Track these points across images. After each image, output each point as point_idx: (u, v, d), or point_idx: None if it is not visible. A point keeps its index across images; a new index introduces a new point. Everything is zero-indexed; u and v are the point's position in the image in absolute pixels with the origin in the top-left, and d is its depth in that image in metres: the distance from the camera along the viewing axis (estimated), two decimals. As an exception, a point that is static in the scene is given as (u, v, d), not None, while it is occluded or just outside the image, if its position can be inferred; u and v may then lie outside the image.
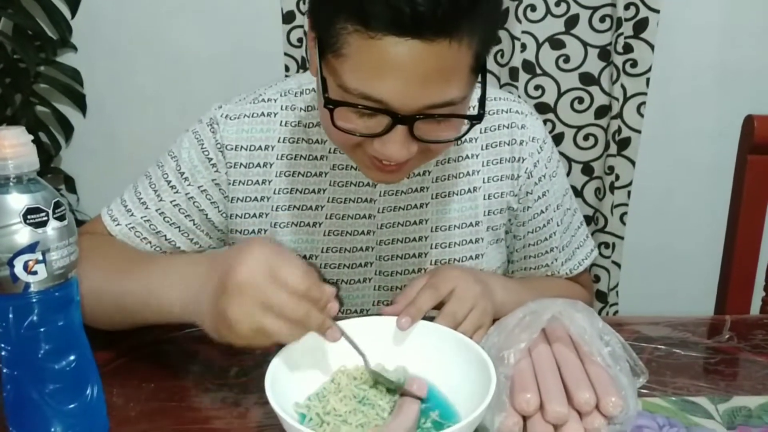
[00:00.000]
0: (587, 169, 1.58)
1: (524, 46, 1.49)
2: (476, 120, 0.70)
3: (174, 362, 0.77)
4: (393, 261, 0.89)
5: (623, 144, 1.53)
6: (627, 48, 1.46)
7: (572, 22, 1.48)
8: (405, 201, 0.88)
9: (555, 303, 0.69)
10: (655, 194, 1.66)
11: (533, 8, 1.47)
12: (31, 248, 0.52)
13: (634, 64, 1.48)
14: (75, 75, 1.59)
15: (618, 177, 1.55)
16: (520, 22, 1.45)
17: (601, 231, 1.60)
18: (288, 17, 1.47)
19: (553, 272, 0.95)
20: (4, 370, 0.55)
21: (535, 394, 0.62)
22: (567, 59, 1.51)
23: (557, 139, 1.56)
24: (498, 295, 0.79)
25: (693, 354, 0.79)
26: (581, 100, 1.53)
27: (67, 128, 1.64)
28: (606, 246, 1.60)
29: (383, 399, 0.65)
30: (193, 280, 0.66)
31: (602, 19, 1.47)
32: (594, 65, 1.51)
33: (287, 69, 1.52)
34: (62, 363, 0.56)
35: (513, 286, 0.86)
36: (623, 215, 1.59)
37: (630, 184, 1.57)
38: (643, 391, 0.69)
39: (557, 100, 1.54)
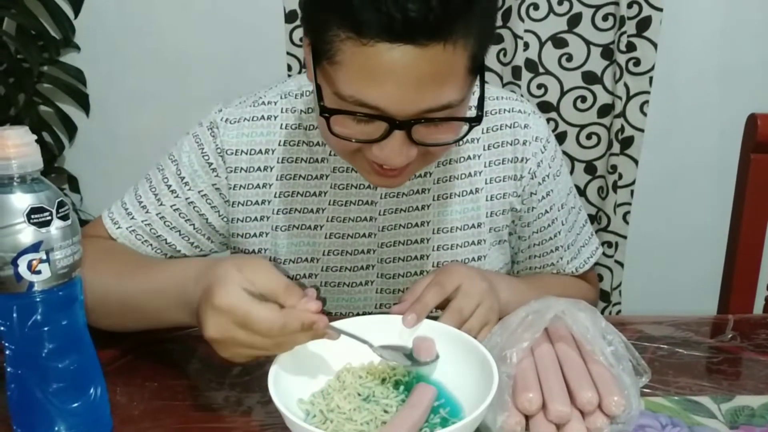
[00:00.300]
0: (590, 168, 1.58)
1: (527, 45, 1.48)
2: (475, 122, 0.69)
3: (177, 361, 0.77)
4: (395, 263, 0.89)
5: (626, 143, 1.53)
6: (630, 46, 1.46)
7: (575, 21, 1.48)
8: (406, 203, 0.87)
9: (558, 302, 0.69)
10: (658, 193, 1.66)
11: (536, 7, 1.47)
12: (35, 248, 0.52)
13: (637, 63, 1.48)
14: (78, 75, 1.60)
15: (621, 176, 1.55)
16: (523, 21, 1.44)
17: (604, 230, 1.59)
18: (290, 16, 1.47)
19: (559, 271, 0.95)
20: (8, 369, 0.56)
21: (538, 394, 0.62)
22: (570, 58, 1.51)
23: (560, 138, 1.55)
24: (503, 294, 0.79)
25: (696, 353, 0.79)
26: (584, 99, 1.53)
27: (71, 128, 1.65)
28: (609, 245, 1.60)
29: (389, 397, 0.65)
30: (187, 288, 0.65)
31: (605, 18, 1.47)
32: (597, 64, 1.51)
33: (290, 68, 1.52)
34: (66, 362, 0.56)
35: (517, 285, 0.86)
36: (626, 214, 1.59)
37: (633, 183, 1.57)
38: (646, 391, 0.69)
39: (560, 99, 1.53)
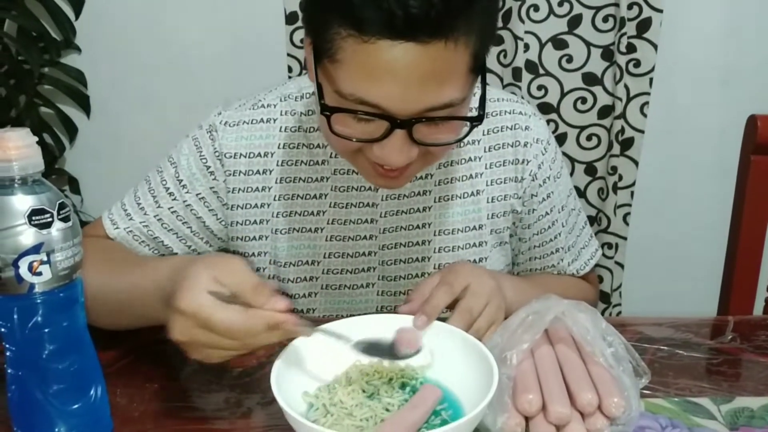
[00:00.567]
0: (590, 170, 1.58)
1: (527, 46, 1.48)
2: (476, 121, 0.69)
3: (177, 363, 0.77)
4: (396, 265, 0.89)
5: (626, 144, 1.53)
6: (630, 48, 1.46)
7: (575, 22, 1.48)
8: (408, 205, 0.87)
9: (558, 303, 0.69)
10: (658, 194, 1.66)
11: (536, 8, 1.47)
12: (36, 249, 0.52)
13: (637, 64, 1.48)
14: (79, 76, 1.60)
15: (621, 177, 1.55)
16: (523, 22, 1.45)
17: (605, 231, 1.59)
18: (291, 18, 1.47)
19: (560, 273, 0.95)
20: (9, 371, 0.56)
21: (538, 395, 0.62)
22: (570, 59, 1.51)
23: (560, 139, 1.56)
24: (508, 293, 0.78)
25: (696, 355, 0.79)
26: (584, 100, 1.53)
27: (71, 129, 1.65)
28: (609, 246, 1.60)
29: (393, 396, 0.65)
30: (165, 285, 0.63)
31: (605, 19, 1.47)
32: (597, 65, 1.51)
33: (290, 70, 1.52)
34: (66, 363, 0.56)
35: (521, 285, 0.85)
36: (626, 215, 1.59)
37: (633, 185, 1.57)
38: (646, 392, 0.69)
39: (560, 100, 1.53)
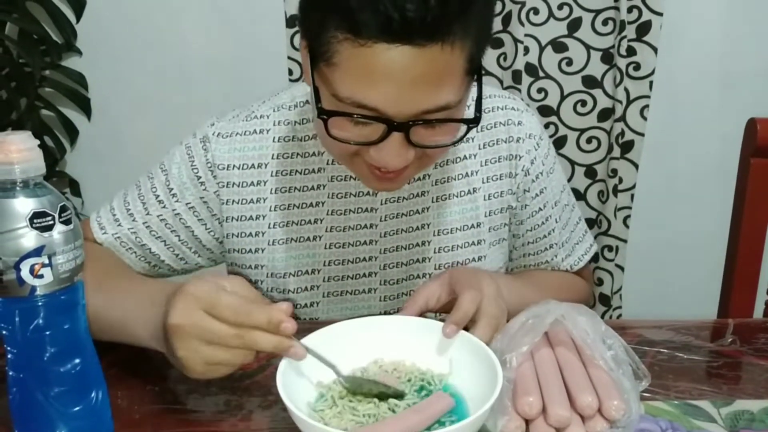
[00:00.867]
0: (590, 172, 1.58)
1: (527, 49, 1.49)
2: (473, 123, 0.69)
3: (178, 365, 0.77)
4: (397, 269, 0.89)
5: (626, 147, 1.53)
6: (630, 51, 1.46)
7: (575, 26, 1.48)
8: (407, 207, 0.87)
9: (558, 306, 0.69)
10: (659, 197, 1.66)
11: (536, 11, 1.47)
12: (38, 252, 0.52)
13: (637, 67, 1.48)
14: (80, 79, 1.60)
15: (621, 180, 1.55)
16: (523, 25, 1.45)
17: (605, 234, 1.60)
18: (292, 21, 1.48)
19: (554, 269, 0.95)
20: (10, 373, 0.56)
21: (538, 398, 0.62)
22: (570, 62, 1.51)
23: (560, 142, 1.56)
24: (504, 293, 0.78)
25: (696, 357, 0.79)
26: (584, 103, 1.54)
27: (72, 132, 1.65)
28: (609, 249, 1.60)
29: (405, 398, 0.65)
30: (156, 316, 0.65)
31: (605, 22, 1.48)
32: (597, 68, 1.51)
33: (291, 73, 1.53)
34: (67, 366, 0.56)
35: (514, 284, 0.86)
36: (626, 218, 1.59)
37: (633, 187, 1.57)
38: (646, 395, 0.69)
39: (560, 103, 1.54)
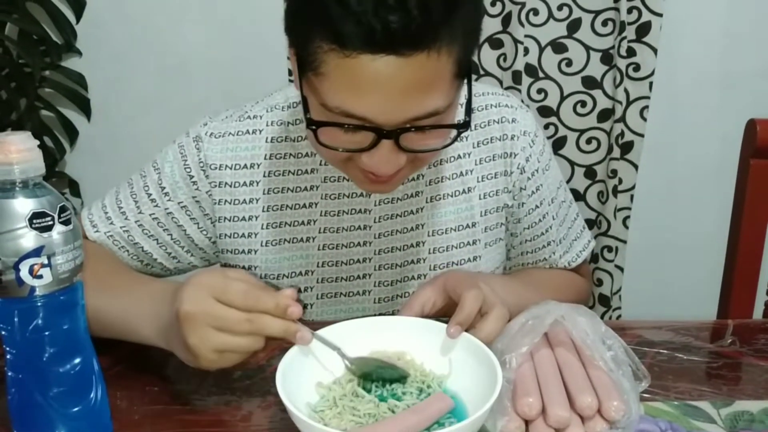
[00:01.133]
0: (590, 173, 1.58)
1: (527, 50, 1.49)
2: (462, 128, 0.69)
3: (178, 366, 0.77)
4: (392, 270, 0.88)
5: (626, 148, 1.53)
6: (630, 52, 1.46)
7: (574, 26, 1.48)
8: (401, 208, 0.87)
9: (558, 307, 0.69)
10: (658, 198, 1.66)
11: (536, 12, 1.47)
12: (37, 252, 0.52)
13: (637, 68, 1.48)
14: (80, 79, 1.60)
15: (621, 180, 1.55)
16: (523, 26, 1.45)
17: (604, 235, 1.60)
18: (291, 22, 1.48)
19: (552, 266, 0.95)
20: (9, 374, 0.56)
21: (537, 398, 0.62)
22: (569, 63, 1.51)
23: (560, 143, 1.56)
24: (500, 293, 0.77)
25: (695, 358, 0.79)
26: (584, 104, 1.54)
27: (72, 132, 1.65)
28: (609, 250, 1.60)
29: (405, 398, 0.65)
30: (162, 313, 0.67)
31: (604, 23, 1.48)
32: (596, 69, 1.51)
33: (290, 73, 1.52)
34: (67, 366, 0.56)
35: (513, 285, 0.85)
36: (626, 219, 1.59)
37: (633, 188, 1.57)
38: (645, 396, 0.69)
39: (560, 104, 1.54)
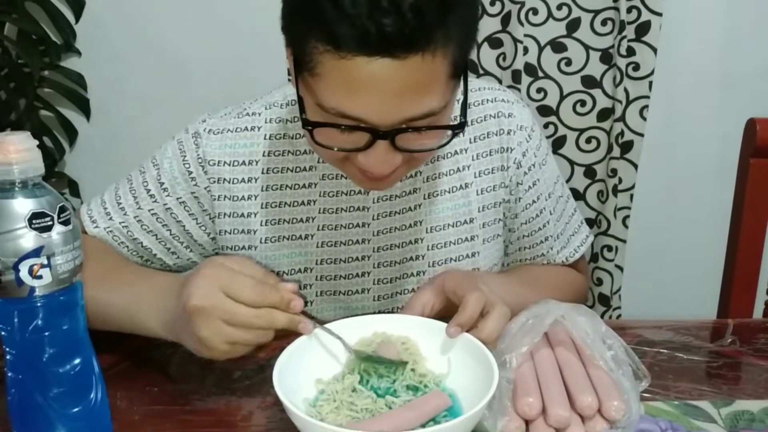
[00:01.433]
0: (590, 172, 1.58)
1: (526, 50, 1.49)
2: (458, 129, 0.69)
3: (177, 366, 0.78)
4: (390, 267, 0.88)
5: (626, 147, 1.53)
6: (630, 51, 1.46)
7: (574, 26, 1.48)
8: (399, 205, 0.87)
9: (558, 307, 0.69)
10: (658, 197, 1.66)
11: (535, 11, 1.47)
12: (36, 252, 0.52)
13: (637, 68, 1.48)
14: (79, 79, 1.60)
15: (621, 180, 1.55)
16: (522, 26, 1.45)
17: (604, 234, 1.60)
18: (291, 21, 1.47)
19: (549, 261, 0.94)
20: (9, 374, 0.56)
21: (538, 398, 0.62)
22: (569, 62, 1.51)
23: (559, 142, 1.56)
24: (497, 291, 0.77)
25: (695, 358, 0.79)
26: (583, 103, 1.53)
27: (71, 132, 1.65)
28: (609, 249, 1.60)
29: (401, 395, 0.65)
30: (169, 305, 0.68)
31: (604, 23, 1.47)
32: (596, 68, 1.51)
33: (290, 73, 1.52)
34: (66, 367, 0.56)
35: (511, 284, 0.85)
36: (626, 218, 1.59)
37: (633, 188, 1.57)
38: (646, 395, 0.69)
39: (559, 103, 1.53)
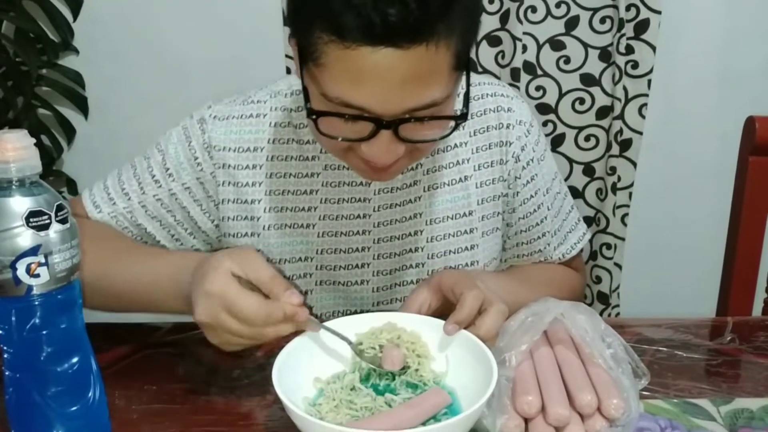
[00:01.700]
0: (588, 170, 1.58)
1: (525, 47, 1.49)
2: (460, 119, 0.70)
3: (176, 365, 0.77)
4: (390, 259, 0.89)
5: (625, 145, 1.53)
6: (629, 49, 1.46)
7: (572, 24, 1.48)
8: (400, 197, 0.87)
9: (557, 305, 0.69)
10: (657, 195, 1.66)
11: (534, 9, 1.47)
12: (34, 251, 0.52)
13: (636, 66, 1.48)
14: (77, 78, 1.59)
15: (620, 178, 1.55)
16: (521, 23, 1.45)
17: (603, 232, 1.60)
18: (289, 19, 1.47)
19: (546, 257, 0.95)
20: (7, 373, 0.56)
21: (537, 397, 0.62)
22: (567, 60, 1.51)
23: (558, 140, 1.56)
24: (494, 290, 0.77)
25: (695, 356, 0.79)
26: (582, 101, 1.53)
27: (69, 131, 1.64)
28: (607, 247, 1.60)
29: (401, 393, 0.65)
30: (183, 285, 0.68)
31: (602, 21, 1.48)
32: (594, 66, 1.51)
33: (288, 71, 1.52)
34: (64, 365, 0.56)
35: (508, 283, 0.86)
36: (624, 216, 1.59)
37: (631, 185, 1.57)
38: (645, 393, 0.69)
39: (558, 101, 1.54)
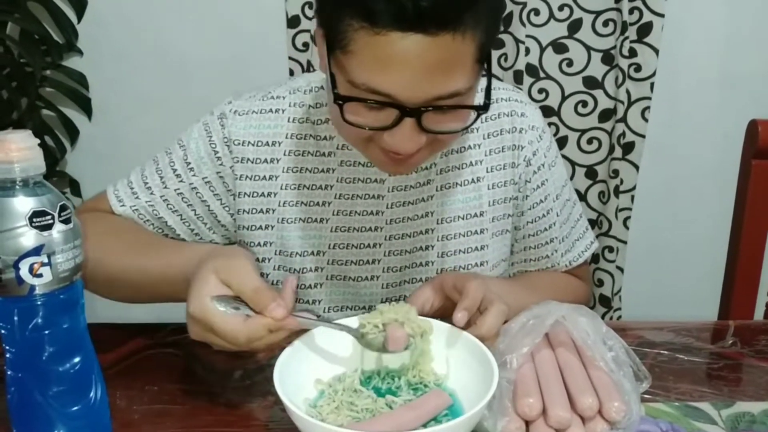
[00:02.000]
0: (591, 173, 1.58)
1: (528, 50, 1.49)
2: (482, 110, 0.72)
3: (177, 365, 0.78)
4: (401, 256, 0.90)
5: (627, 148, 1.53)
6: (631, 52, 1.46)
7: (575, 27, 1.48)
8: (413, 195, 0.88)
9: (559, 307, 0.69)
10: (659, 198, 1.66)
11: (537, 12, 1.47)
12: (37, 251, 0.52)
13: (639, 69, 1.48)
14: (81, 79, 1.60)
15: (622, 181, 1.55)
16: (524, 26, 1.45)
17: (605, 235, 1.59)
18: (293, 22, 1.48)
19: (553, 264, 0.95)
20: (9, 373, 0.56)
21: (538, 399, 0.62)
22: (570, 63, 1.51)
23: (561, 143, 1.56)
24: (497, 293, 0.78)
25: (696, 359, 0.79)
26: (585, 104, 1.53)
27: (73, 132, 1.65)
28: (610, 250, 1.60)
29: (402, 394, 0.65)
30: (188, 276, 0.68)
31: (605, 24, 1.48)
32: (597, 69, 1.51)
33: (291, 73, 1.53)
34: (66, 365, 0.56)
35: (510, 287, 0.86)
36: (627, 219, 1.59)
37: (634, 189, 1.57)
38: (646, 397, 0.69)
39: (561, 104, 1.54)
